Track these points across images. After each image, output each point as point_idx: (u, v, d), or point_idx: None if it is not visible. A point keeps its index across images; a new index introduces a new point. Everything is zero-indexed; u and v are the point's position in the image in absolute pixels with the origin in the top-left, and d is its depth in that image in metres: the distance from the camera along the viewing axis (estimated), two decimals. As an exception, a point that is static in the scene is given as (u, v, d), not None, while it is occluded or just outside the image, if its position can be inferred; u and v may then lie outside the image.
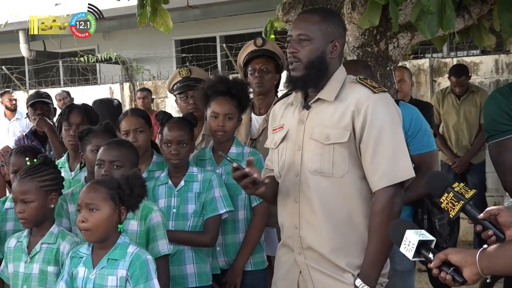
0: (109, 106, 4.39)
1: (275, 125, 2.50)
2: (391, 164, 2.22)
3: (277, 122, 2.50)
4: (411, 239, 1.83)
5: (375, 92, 2.27)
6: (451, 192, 1.88)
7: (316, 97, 2.34)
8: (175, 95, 3.75)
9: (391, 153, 2.22)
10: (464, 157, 5.99)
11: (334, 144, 2.26)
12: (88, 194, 2.33)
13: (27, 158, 2.71)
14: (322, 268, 2.28)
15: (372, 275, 2.23)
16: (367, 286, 2.20)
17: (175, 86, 3.71)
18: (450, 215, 1.89)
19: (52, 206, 2.55)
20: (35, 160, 2.63)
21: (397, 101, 3.11)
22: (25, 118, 6.64)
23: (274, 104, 2.62)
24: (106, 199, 2.32)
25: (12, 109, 7.48)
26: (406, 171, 2.25)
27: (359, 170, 2.27)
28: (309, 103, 2.36)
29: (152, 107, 8.17)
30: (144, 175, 3.05)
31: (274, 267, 2.53)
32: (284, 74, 2.43)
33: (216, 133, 3.02)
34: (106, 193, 2.33)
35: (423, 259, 1.84)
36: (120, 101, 9.41)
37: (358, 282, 2.22)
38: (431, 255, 1.81)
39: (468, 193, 1.87)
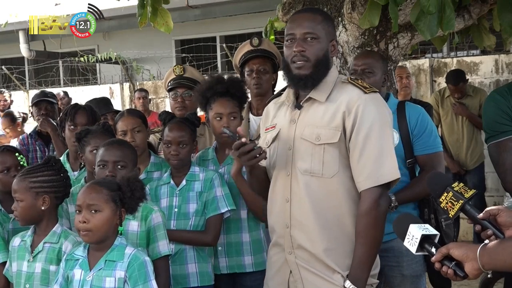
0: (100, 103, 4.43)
1: (268, 125, 2.51)
2: (378, 165, 2.23)
3: (269, 122, 2.51)
4: (415, 233, 1.85)
5: (366, 93, 2.29)
6: (451, 192, 1.89)
7: (308, 97, 2.35)
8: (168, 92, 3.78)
9: (377, 154, 2.24)
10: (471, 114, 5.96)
11: (324, 145, 2.27)
12: (90, 195, 2.32)
13: None
14: (312, 268, 2.30)
15: (361, 276, 2.24)
16: None
17: (169, 83, 3.73)
18: (450, 215, 1.90)
19: (43, 208, 2.53)
20: None
21: (403, 102, 3.12)
22: (31, 117, 6.58)
23: (267, 103, 2.62)
24: (108, 200, 2.32)
25: (1, 110, 7.37)
26: (392, 172, 2.26)
27: (349, 171, 2.28)
28: (301, 103, 2.37)
29: (151, 108, 8.16)
30: (143, 176, 3.05)
31: (266, 266, 2.54)
32: (280, 74, 2.43)
33: (222, 134, 3.01)
34: (108, 194, 2.33)
35: (426, 253, 1.85)
36: (120, 101, 9.47)
37: (348, 284, 2.24)
38: (434, 250, 1.82)
39: (467, 193, 1.88)
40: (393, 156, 2.29)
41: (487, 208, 1.87)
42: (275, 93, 3.62)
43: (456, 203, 1.87)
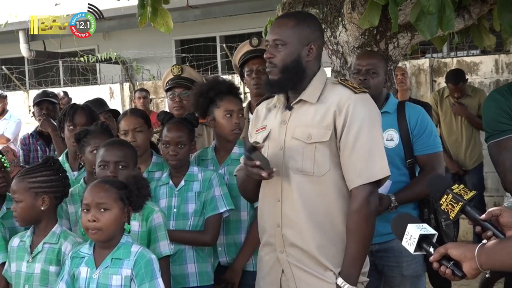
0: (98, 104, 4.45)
1: (258, 126, 2.53)
2: (368, 163, 2.26)
3: (259, 123, 2.53)
4: (413, 233, 1.85)
5: (356, 93, 2.32)
6: (450, 194, 1.90)
7: (298, 99, 2.37)
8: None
9: (367, 152, 2.26)
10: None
11: (316, 143, 2.30)
12: (98, 193, 2.32)
13: None
14: (304, 266, 2.31)
15: (353, 273, 2.26)
16: (348, 285, 2.23)
17: (167, 83, 3.73)
18: (450, 217, 1.90)
19: (43, 208, 2.53)
20: None
21: (403, 102, 3.12)
22: (33, 117, 6.52)
23: (257, 104, 2.63)
24: (116, 199, 2.33)
25: None
26: (382, 169, 2.29)
27: (340, 169, 2.31)
28: (291, 104, 2.39)
29: (151, 107, 8.16)
30: (144, 175, 3.05)
31: (257, 267, 2.54)
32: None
33: (232, 132, 3.00)
34: (115, 193, 2.33)
35: (424, 253, 1.86)
36: (120, 101, 9.47)
37: (340, 281, 2.25)
38: (432, 249, 1.83)
39: (467, 194, 1.88)
40: (383, 154, 2.31)
41: (490, 209, 1.88)
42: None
43: (456, 205, 1.88)
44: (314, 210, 2.30)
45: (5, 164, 2.90)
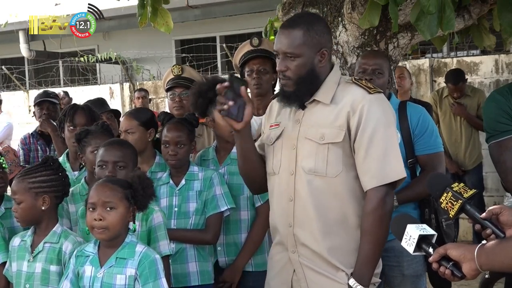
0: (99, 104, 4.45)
1: (272, 121, 2.50)
2: (383, 164, 2.24)
3: (273, 119, 2.50)
4: (412, 233, 1.85)
5: (370, 93, 2.29)
6: (450, 192, 1.90)
7: (312, 99, 2.35)
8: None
9: (383, 154, 2.24)
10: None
11: (328, 144, 2.28)
12: (104, 192, 2.32)
13: None
14: (316, 266, 2.30)
15: (366, 274, 2.25)
16: (360, 286, 2.22)
17: (167, 83, 3.74)
18: (450, 215, 1.90)
19: (43, 208, 2.53)
20: None
21: (404, 102, 3.13)
22: (33, 117, 6.51)
23: (272, 99, 2.60)
24: (122, 198, 2.33)
25: None
26: (397, 171, 2.27)
27: (353, 170, 2.29)
28: (305, 103, 2.38)
29: (151, 107, 8.16)
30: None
31: (267, 266, 2.54)
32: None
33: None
34: (121, 192, 2.34)
35: (424, 253, 1.86)
36: (120, 101, 9.48)
37: (352, 281, 2.24)
38: (431, 250, 1.83)
39: (467, 193, 1.88)
40: (399, 155, 2.29)
41: (490, 207, 1.88)
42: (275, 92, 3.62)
43: (456, 203, 1.88)
44: (326, 211, 2.28)
45: (3, 165, 2.91)
